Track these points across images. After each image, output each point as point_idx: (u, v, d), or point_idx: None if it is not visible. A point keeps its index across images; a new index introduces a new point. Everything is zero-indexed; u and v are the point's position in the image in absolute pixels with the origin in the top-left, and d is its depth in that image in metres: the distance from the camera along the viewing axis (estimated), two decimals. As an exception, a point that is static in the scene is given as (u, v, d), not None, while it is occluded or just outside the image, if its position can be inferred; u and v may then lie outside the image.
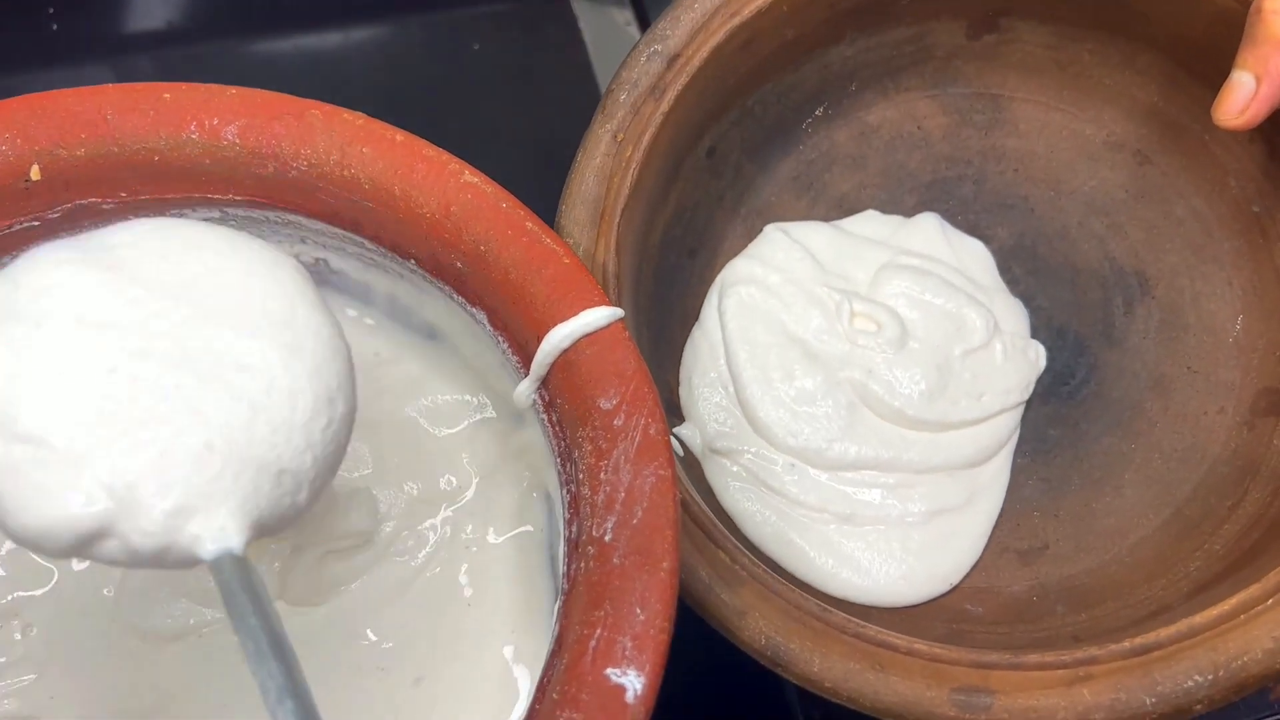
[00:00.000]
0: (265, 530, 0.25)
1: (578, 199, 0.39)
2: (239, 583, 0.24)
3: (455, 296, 0.36)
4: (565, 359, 0.32)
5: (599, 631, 0.28)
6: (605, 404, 0.31)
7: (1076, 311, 0.46)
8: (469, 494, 0.38)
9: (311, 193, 0.36)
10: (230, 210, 0.37)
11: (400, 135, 0.35)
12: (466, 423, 0.39)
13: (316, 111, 0.35)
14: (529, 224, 0.33)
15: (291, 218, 0.37)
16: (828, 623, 0.35)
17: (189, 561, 0.24)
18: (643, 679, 0.27)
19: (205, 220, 0.37)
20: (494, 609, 0.36)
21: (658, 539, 0.29)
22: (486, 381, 0.39)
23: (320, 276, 0.41)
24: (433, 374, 0.40)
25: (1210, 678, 0.31)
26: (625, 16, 0.63)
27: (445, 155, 0.34)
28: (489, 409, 0.39)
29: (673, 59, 0.39)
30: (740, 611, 0.35)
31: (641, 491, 0.29)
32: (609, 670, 0.27)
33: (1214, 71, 0.38)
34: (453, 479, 0.38)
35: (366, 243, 0.37)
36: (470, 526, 0.38)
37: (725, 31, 0.39)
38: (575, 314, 0.32)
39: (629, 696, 0.27)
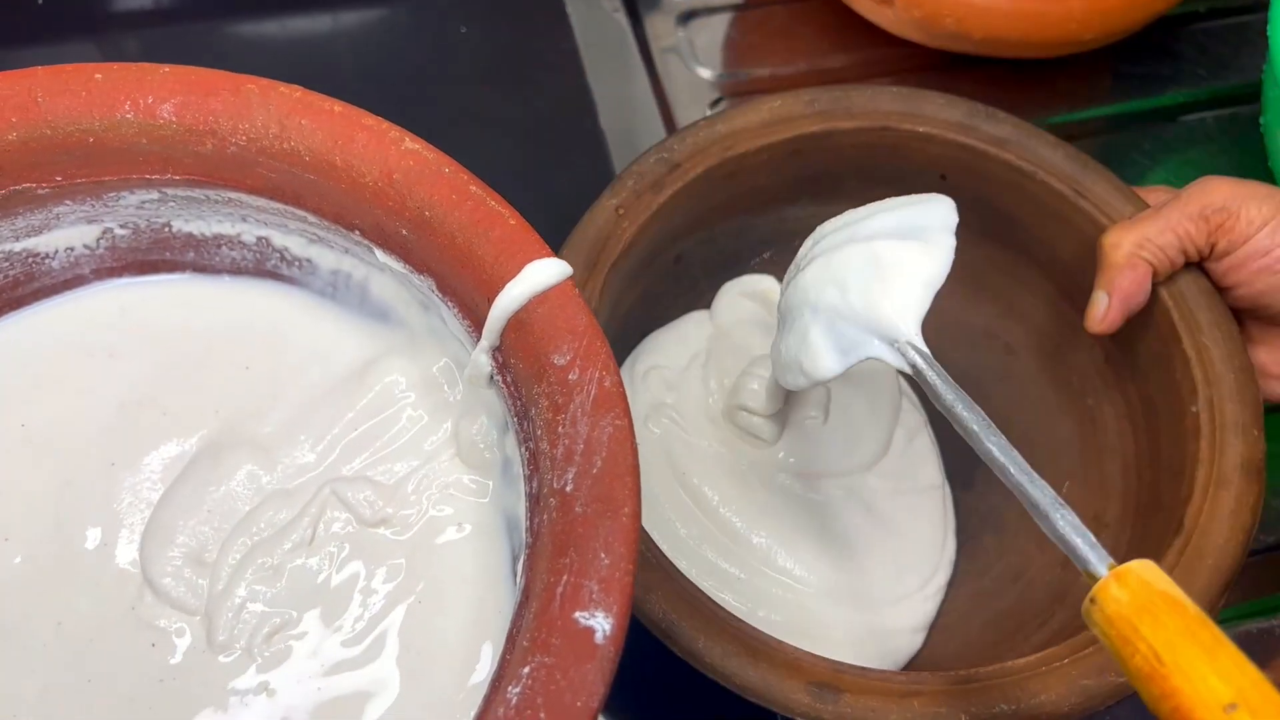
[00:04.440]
0: None
1: (578, 249, 0.45)
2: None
3: (401, 265, 0.36)
4: (517, 319, 0.32)
5: (565, 578, 0.28)
6: (559, 360, 0.31)
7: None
8: (433, 465, 0.38)
9: (251, 168, 0.35)
10: (169, 191, 0.37)
11: (339, 106, 0.35)
12: (423, 397, 0.39)
13: (253, 86, 0.35)
14: (473, 188, 0.34)
15: (232, 195, 0.37)
16: (714, 614, 0.39)
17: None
18: (610, 620, 0.27)
19: (144, 202, 0.37)
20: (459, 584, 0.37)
21: (618, 486, 0.29)
22: (438, 353, 0.39)
23: (262, 256, 0.40)
24: (387, 353, 0.40)
25: (1013, 708, 0.37)
26: (613, 3, 0.64)
27: (385, 124, 0.35)
28: (443, 381, 0.39)
29: (675, 166, 0.47)
30: (647, 588, 0.38)
31: (600, 442, 0.30)
32: (577, 614, 0.28)
33: (1075, 289, 0.49)
34: (415, 456, 0.38)
35: (309, 216, 0.37)
36: (436, 499, 0.38)
37: (718, 159, 0.47)
38: (523, 272, 0.32)
39: (598, 637, 0.27)
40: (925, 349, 0.37)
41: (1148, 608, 0.28)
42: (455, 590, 0.36)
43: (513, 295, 0.32)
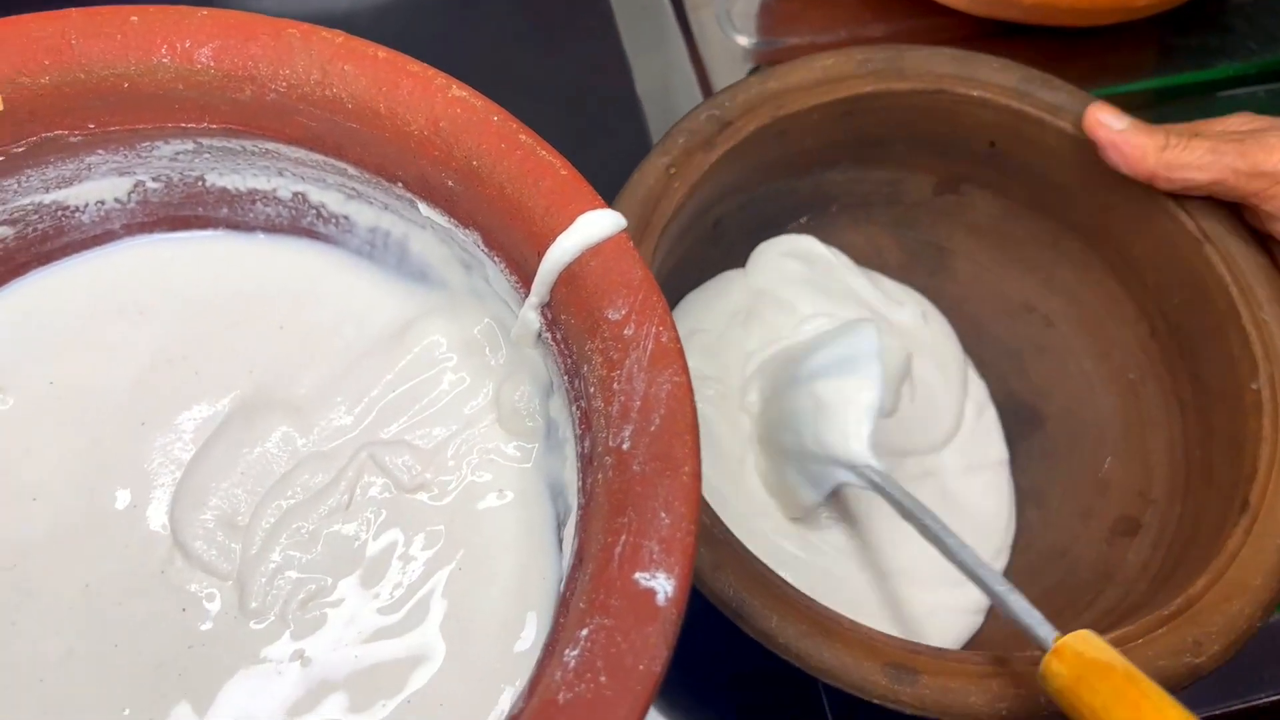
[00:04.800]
0: None
1: (628, 209, 0.43)
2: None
3: (445, 219, 0.34)
4: (569, 273, 0.31)
5: (624, 538, 0.27)
6: (614, 314, 0.30)
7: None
8: (473, 431, 0.37)
9: (291, 116, 0.34)
10: (205, 141, 0.36)
11: (383, 52, 0.33)
12: (464, 359, 0.38)
13: (294, 30, 0.34)
14: (522, 136, 0.32)
15: (269, 145, 0.36)
16: (785, 592, 0.37)
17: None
18: (672, 581, 0.26)
19: (179, 154, 0.36)
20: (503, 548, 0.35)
21: (677, 444, 0.28)
22: (480, 314, 0.38)
23: (298, 213, 0.39)
24: (426, 313, 0.38)
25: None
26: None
27: (431, 70, 0.33)
28: (484, 343, 0.38)
29: (726, 124, 0.45)
30: (715, 565, 0.37)
31: (657, 399, 0.29)
32: (637, 575, 0.26)
33: (1122, 262, 0.49)
34: (454, 421, 0.37)
35: (350, 168, 0.35)
36: (476, 464, 0.36)
37: (769, 117, 0.45)
38: (576, 224, 0.31)
39: (660, 599, 0.26)
40: (878, 467, 0.41)
41: (1083, 677, 0.32)
42: (497, 557, 0.35)
43: (564, 247, 0.31)
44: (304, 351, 0.38)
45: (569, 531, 0.34)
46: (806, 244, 0.51)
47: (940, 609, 0.45)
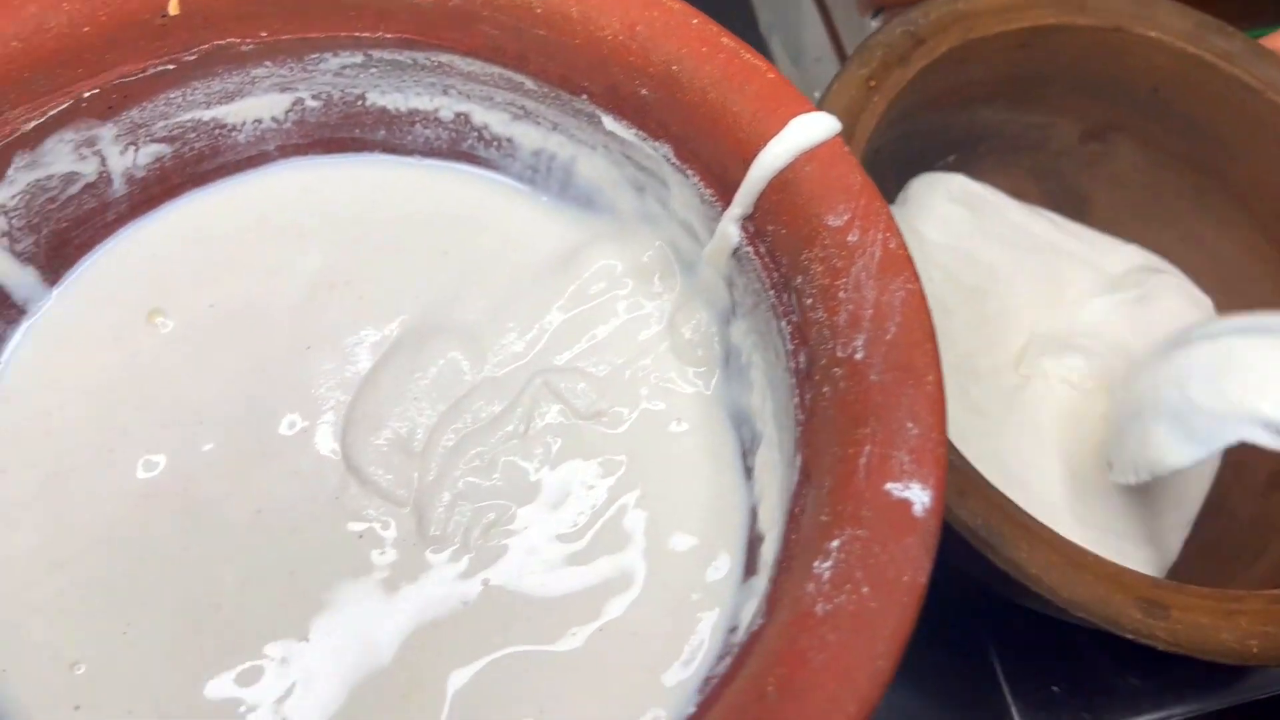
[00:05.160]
0: None
1: None
2: None
3: (632, 132, 0.33)
4: (781, 179, 0.30)
5: (868, 449, 0.25)
6: (834, 221, 0.29)
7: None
8: (647, 359, 0.36)
9: (473, 24, 0.33)
10: (375, 54, 0.34)
11: (574, -46, 0.32)
12: (635, 287, 0.36)
13: (479, -68, 0.32)
14: (725, 39, 0.31)
15: (443, 58, 0.34)
16: (1030, 523, 0.36)
17: None
18: (929, 492, 0.25)
19: (345, 68, 0.35)
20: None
21: (917, 353, 0.26)
22: (651, 239, 0.36)
23: (459, 136, 0.38)
24: (593, 240, 0.37)
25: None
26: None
27: (625, -28, 0.32)
28: (655, 270, 0.36)
29: (920, 41, 0.44)
30: (960, 491, 0.35)
31: (891, 306, 0.27)
32: (889, 485, 0.25)
33: (1274, 220, 0.47)
34: (628, 349, 0.36)
35: (528, 81, 0.34)
36: (652, 393, 0.35)
37: (959, 40, 0.44)
38: (788, 128, 0.29)
39: (917, 510, 0.24)
40: None
41: None
42: (681, 486, 0.34)
43: (776, 153, 0.29)
44: (469, 277, 0.37)
45: (762, 458, 0.33)
46: (967, 184, 0.49)
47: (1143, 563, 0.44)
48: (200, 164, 0.37)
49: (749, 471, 0.34)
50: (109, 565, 0.32)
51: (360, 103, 0.37)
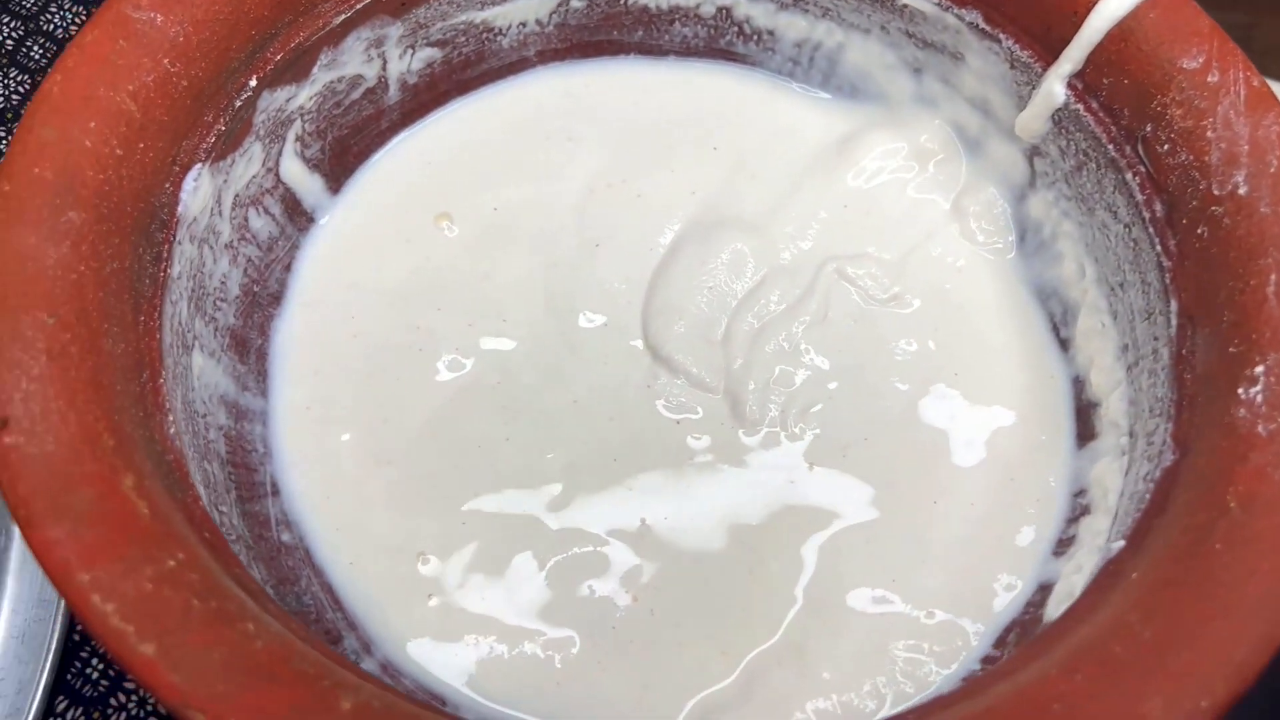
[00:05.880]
0: None
1: None
2: None
3: (933, 1, 0.32)
4: (1122, 29, 0.29)
5: (1273, 277, 0.25)
6: (1189, 63, 0.28)
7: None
8: (934, 241, 0.35)
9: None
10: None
11: None
12: (914, 171, 0.36)
13: None
14: (1043, -103, 0.30)
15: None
16: None
17: None
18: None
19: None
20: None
21: (1307, 184, 0.26)
22: (929, 120, 0.36)
23: (717, 32, 0.37)
24: (865, 127, 0.37)
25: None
26: None
27: None
28: (936, 151, 0.36)
29: None
30: None
31: (1267, 141, 0.27)
32: (1310, 308, 0.24)
33: None
34: (914, 232, 0.35)
35: (818, -41, 0.33)
36: (945, 275, 0.35)
37: None
38: (1126, -22, 0.29)
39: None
40: None
41: None
42: (988, 364, 0.33)
43: (1119, 2, 0.29)
44: (743, 171, 0.36)
45: (1084, 326, 0.32)
46: None
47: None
48: (466, 70, 0.37)
49: (1064, 344, 0.33)
50: (437, 458, 0.32)
51: (622, 1, 0.37)
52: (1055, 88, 0.31)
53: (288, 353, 0.33)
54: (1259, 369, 0.24)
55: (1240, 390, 0.24)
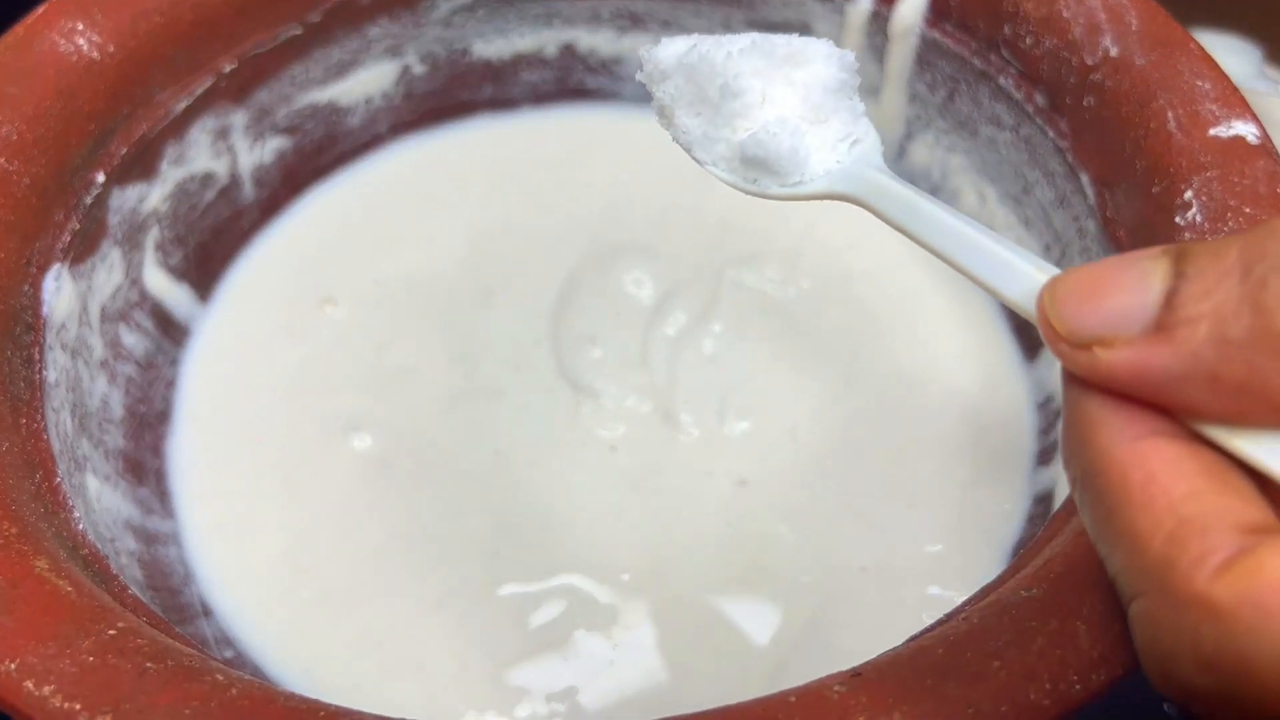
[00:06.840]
0: None
1: None
2: None
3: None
4: (953, -51, 0.30)
5: (1169, 114, 0.25)
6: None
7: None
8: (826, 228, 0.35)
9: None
10: (485, -14, 0.34)
11: None
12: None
13: None
14: None
15: (555, -29, 0.34)
16: None
17: None
18: (1250, 124, 0.25)
19: (454, 13, 0.34)
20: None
21: (1167, 29, 0.27)
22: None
23: (565, 71, 0.37)
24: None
25: None
26: None
27: None
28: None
29: None
30: None
31: (1120, 4, 0.27)
32: (1212, 132, 0.25)
33: None
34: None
35: (647, -31, 0.34)
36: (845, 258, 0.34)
37: None
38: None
39: (1251, 139, 0.24)
40: None
41: None
42: (915, 313, 0.33)
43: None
44: (620, 199, 0.36)
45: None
46: None
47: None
48: (319, 156, 0.36)
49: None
50: (369, 549, 0.29)
51: (465, 58, 0.36)
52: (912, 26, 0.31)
53: (186, 472, 0.31)
54: (1188, 193, 0.24)
55: (1177, 218, 0.24)
